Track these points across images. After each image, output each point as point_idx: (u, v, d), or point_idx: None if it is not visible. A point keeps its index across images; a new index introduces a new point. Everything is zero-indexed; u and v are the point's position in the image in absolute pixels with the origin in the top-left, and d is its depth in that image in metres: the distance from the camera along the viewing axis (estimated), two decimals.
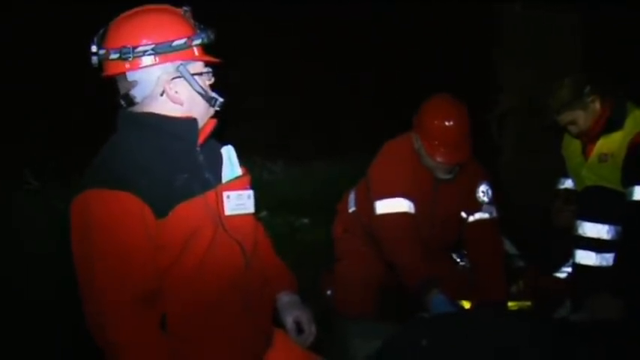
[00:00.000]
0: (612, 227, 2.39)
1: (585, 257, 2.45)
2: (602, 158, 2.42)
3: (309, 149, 5.28)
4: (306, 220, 4.39)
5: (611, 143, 2.39)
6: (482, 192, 2.61)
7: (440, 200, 2.58)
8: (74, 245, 1.42)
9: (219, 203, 1.55)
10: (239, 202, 1.60)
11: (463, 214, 2.63)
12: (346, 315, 2.67)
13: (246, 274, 1.60)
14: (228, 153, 1.66)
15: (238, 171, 1.65)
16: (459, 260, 2.85)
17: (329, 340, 2.46)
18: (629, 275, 2.24)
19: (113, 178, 1.40)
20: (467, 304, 2.60)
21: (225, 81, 1.64)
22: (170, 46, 1.43)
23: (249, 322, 1.61)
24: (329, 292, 2.89)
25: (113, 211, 1.37)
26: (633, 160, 2.30)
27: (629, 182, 2.29)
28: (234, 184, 1.61)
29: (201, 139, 1.56)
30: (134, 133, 1.51)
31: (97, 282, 1.37)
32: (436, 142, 2.44)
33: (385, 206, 2.54)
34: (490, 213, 2.61)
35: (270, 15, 5.76)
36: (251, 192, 1.64)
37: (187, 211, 1.46)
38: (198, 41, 1.46)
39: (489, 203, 2.61)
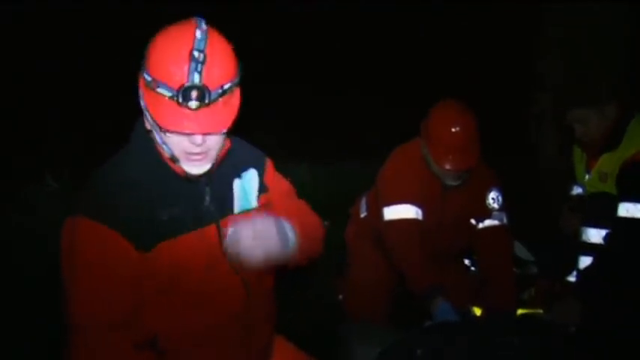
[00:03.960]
0: None
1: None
2: (602, 178, 2.35)
3: (333, 151, 5.29)
4: (326, 223, 4.39)
5: (610, 164, 2.32)
6: (493, 198, 2.58)
7: (449, 207, 2.57)
8: (62, 264, 1.42)
9: (221, 237, 1.48)
10: None
11: (472, 221, 2.61)
12: (356, 320, 2.68)
13: (247, 307, 1.56)
14: (246, 180, 1.57)
15: (252, 202, 1.57)
16: (470, 266, 2.83)
17: (335, 344, 2.49)
18: (593, 281, 2.23)
19: (97, 207, 1.39)
20: (478, 311, 2.58)
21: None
22: (144, 76, 1.35)
23: (244, 352, 1.60)
24: (340, 297, 2.91)
25: (93, 242, 1.37)
26: (622, 177, 2.24)
27: (619, 198, 2.25)
28: (244, 217, 1.49)
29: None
30: (133, 153, 1.49)
31: (74, 304, 1.40)
32: (442, 149, 2.42)
33: (393, 212, 2.54)
34: (500, 220, 2.58)
35: (297, 13, 5.78)
36: None
37: (173, 249, 1.43)
38: (161, 90, 1.31)
39: (499, 210, 2.58)
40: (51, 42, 4.60)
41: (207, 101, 1.30)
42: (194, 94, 1.29)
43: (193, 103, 1.29)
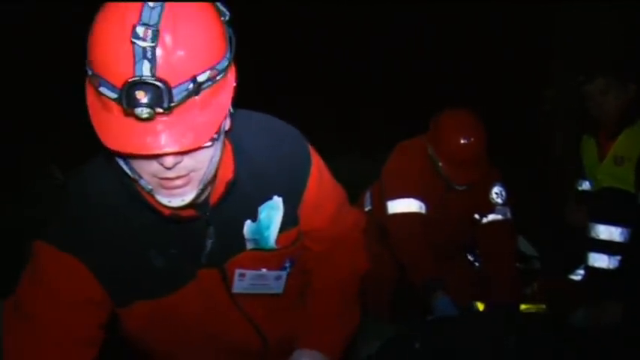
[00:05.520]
0: (625, 230, 2.34)
1: (598, 260, 2.42)
2: (618, 161, 2.35)
3: (334, 145, 5.30)
4: None
5: (628, 146, 2.33)
6: (496, 193, 2.57)
7: (452, 202, 2.57)
8: (23, 276, 1.15)
9: (227, 280, 1.20)
10: (257, 283, 1.23)
11: (476, 216, 2.60)
12: None
13: (264, 349, 1.34)
14: (265, 211, 1.18)
15: (271, 242, 1.20)
16: (473, 261, 2.83)
17: None
18: (631, 280, 2.20)
19: (71, 237, 1.09)
20: (481, 306, 2.59)
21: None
22: (87, 68, 0.93)
23: None
24: None
25: (60, 276, 1.10)
26: None
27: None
28: (257, 259, 1.20)
29: (213, 199, 1.12)
30: (96, 182, 1.13)
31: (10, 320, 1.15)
32: (451, 161, 2.43)
33: (397, 206, 2.54)
34: (504, 214, 2.58)
35: (300, 13, 5.78)
36: (282, 273, 1.25)
37: (163, 306, 1.16)
38: (104, 90, 0.88)
39: (503, 205, 2.57)
40: (52, 40, 4.64)
41: (166, 104, 0.86)
42: (141, 95, 0.84)
43: (143, 111, 0.85)
